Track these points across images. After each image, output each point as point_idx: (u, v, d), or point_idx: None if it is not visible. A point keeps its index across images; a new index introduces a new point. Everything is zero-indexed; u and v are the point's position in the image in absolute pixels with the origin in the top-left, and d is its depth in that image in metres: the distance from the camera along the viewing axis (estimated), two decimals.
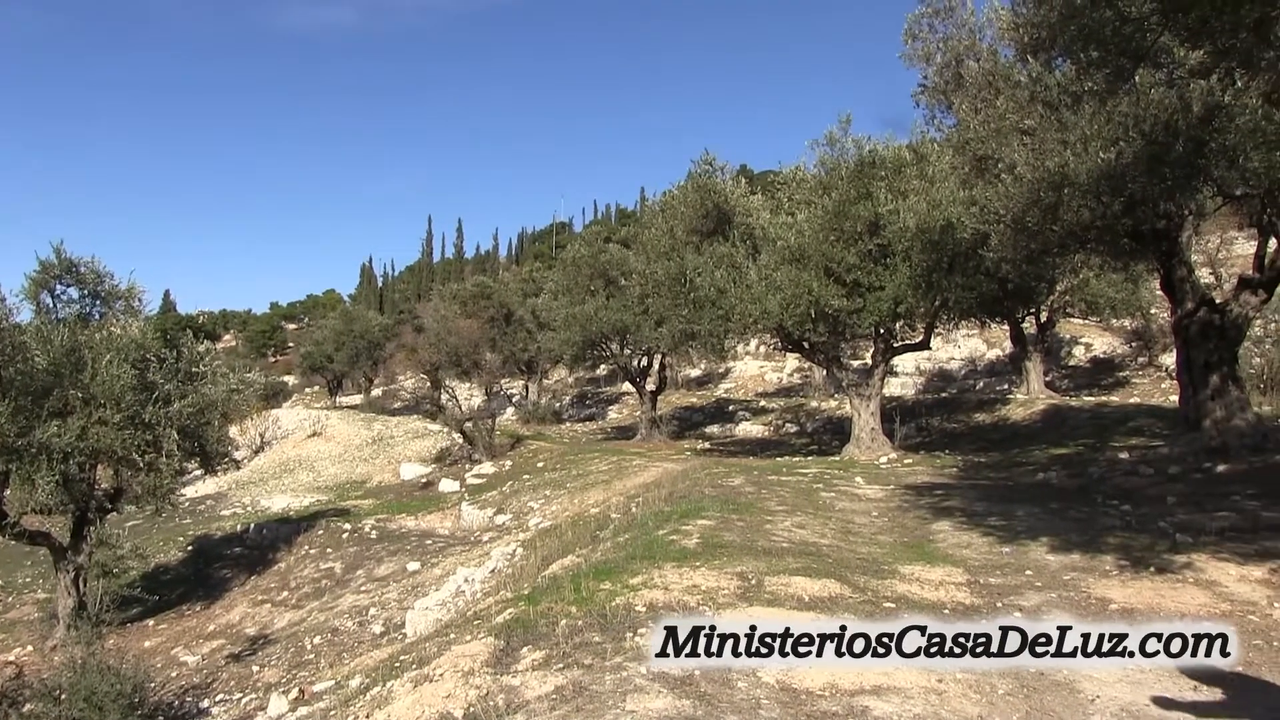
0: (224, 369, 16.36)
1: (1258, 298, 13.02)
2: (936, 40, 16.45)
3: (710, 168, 22.72)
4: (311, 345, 60.07)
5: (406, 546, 18.49)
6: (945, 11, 16.25)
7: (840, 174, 18.53)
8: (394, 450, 33.58)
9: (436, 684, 5.13)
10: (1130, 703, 4.86)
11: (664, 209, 23.93)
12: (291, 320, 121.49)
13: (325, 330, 59.99)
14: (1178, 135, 10.86)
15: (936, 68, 16.49)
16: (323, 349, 57.31)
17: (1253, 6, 6.50)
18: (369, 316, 63.07)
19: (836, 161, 18.94)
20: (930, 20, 16.45)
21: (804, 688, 4.89)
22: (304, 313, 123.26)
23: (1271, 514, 9.08)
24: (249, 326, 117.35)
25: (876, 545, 9.13)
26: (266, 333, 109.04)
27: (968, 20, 16.13)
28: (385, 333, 58.67)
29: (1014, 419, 24.21)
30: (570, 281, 32.06)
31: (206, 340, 17.50)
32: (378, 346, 56.74)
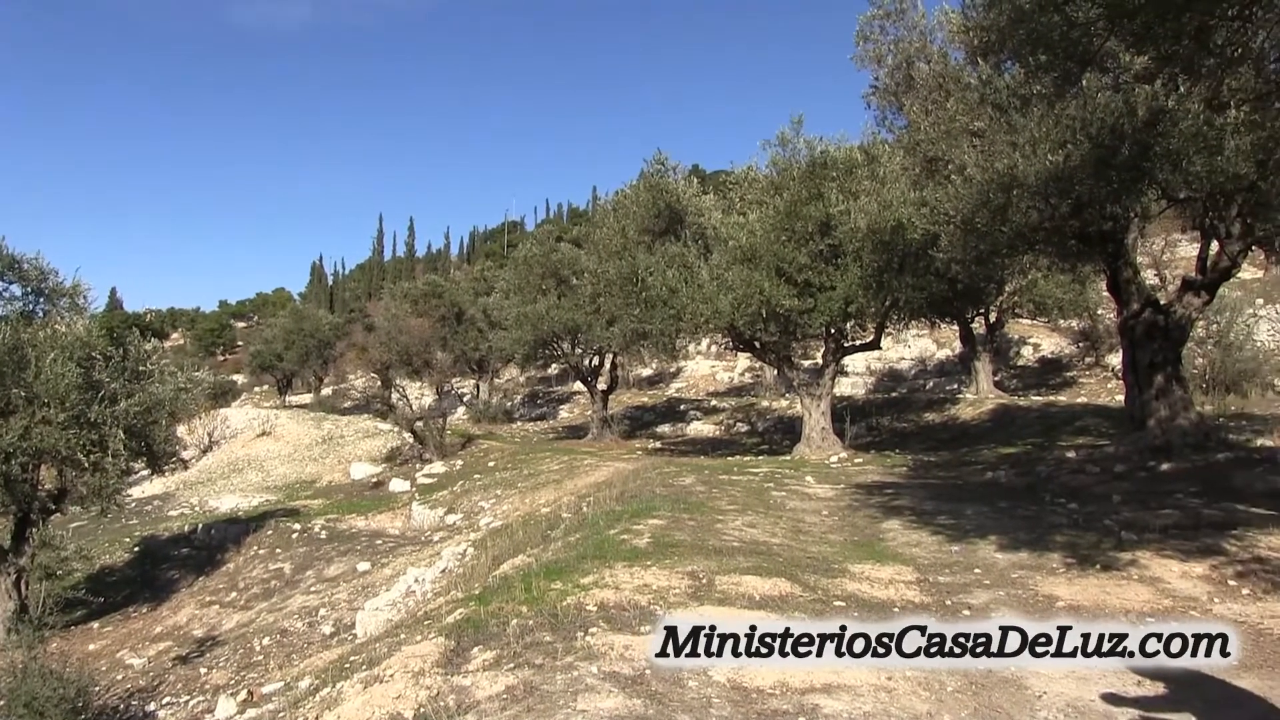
0: (172, 368, 16.11)
1: (1200, 299, 13.21)
2: (888, 42, 16.57)
3: (662, 167, 22.75)
4: (261, 344, 59.45)
5: (357, 547, 18.32)
6: (896, 14, 16.37)
7: (792, 174, 18.60)
8: (344, 450, 33.28)
9: (387, 685, 5.07)
10: (1076, 698, 4.90)
11: (616, 208, 23.91)
12: (241, 319, 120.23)
13: (275, 329, 59.41)
14: (1124, 139, 10.99)
15: (888, 69, 16.61)
16: (272, 348, 56.72)
17: (1193, 15, 6.59)
18: (319, 315, 62.58)
19: (788, 162, 19.01)
20: (881, 22, 16.56)
21: (755, 686, 4.89)
22: (253, 311, 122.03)
23: (1212, 511, 9.22)
24: (197, 325, 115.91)
25: (827, 544, 9.16)
26: (215, 331, 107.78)
27: (919, 23, 16.26)
28: (336, 331, 58.20)
29: (963, 418, 24.44)
30: (522, 280, 31.98)
31: (154, 338, 17.22)
32: (328, 345, 56.26)
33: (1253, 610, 6.35)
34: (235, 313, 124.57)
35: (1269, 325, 27.40)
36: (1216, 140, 10.62)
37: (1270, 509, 9.19)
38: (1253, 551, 7.71)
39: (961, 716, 4.65)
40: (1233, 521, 8.73)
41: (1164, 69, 7.88)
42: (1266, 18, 6.69)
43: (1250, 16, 6.62)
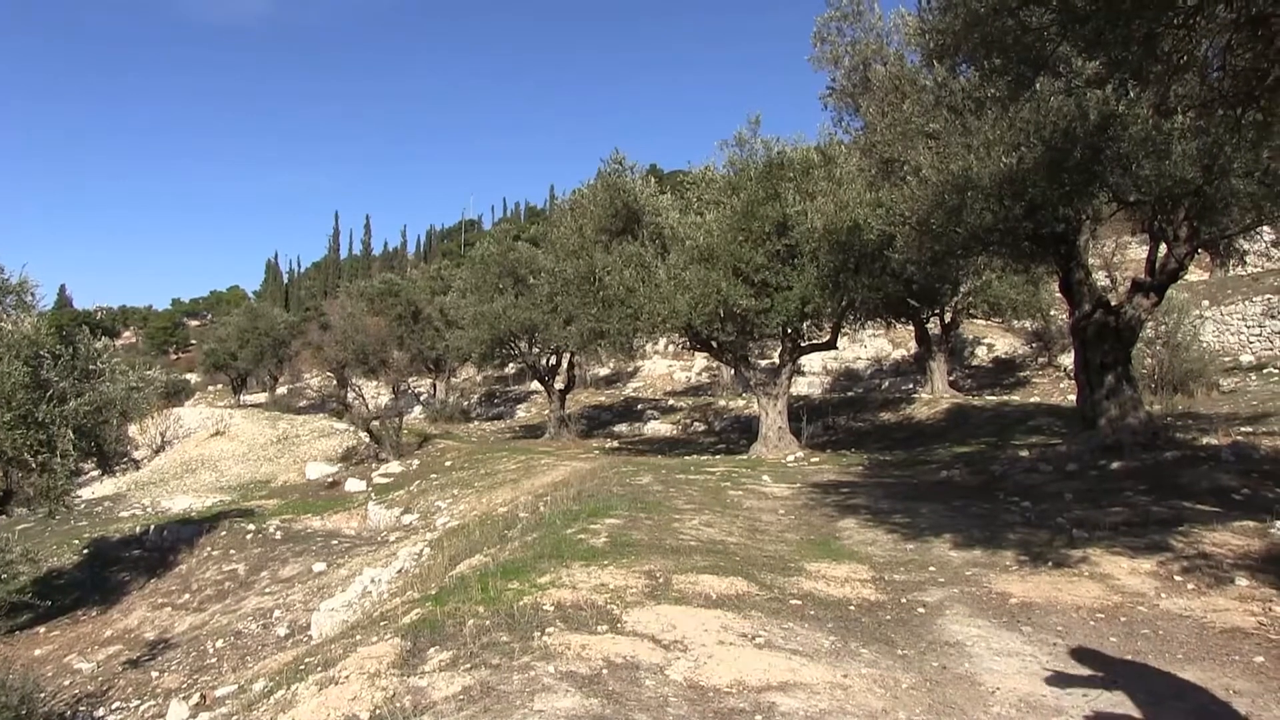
0: (123, 366, 15.89)
1: (1150, 300, 13.40)
2: (845, 44, 16.64)
3: (620, 167, 22.74)
4: (215, 342, 58.78)
5: (312, 547, 18.18)
6: (853, 16, 16.45)
7: (749, 175, 18.67)
8: (299, 449, 33.02)
9: (342, 686, 5.04)
10: (1029, 693, 4.97)
11: (573, 207, 23.89)
12: (194, 317, 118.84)
13: (229, 327, 58.76)
14: (1075, 142, 11.13)
15: (844, 71, 16.69)
16: (226, 346, 56.14)
17: (1141, 22, 6.70)
18: (274, 313, 61.98)
19: (745, 162, 19.09)
20: (839, 24, 16.64)
21: (711, 685, 4.91)
22: (207, 309, 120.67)
23: (1161, 509, 9.38)
24: (150, 323, 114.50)
25: (783, 543, 9.21)
26: (168, 329, 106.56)
27: (875, 25, 16.35)
28: (291, 330, 57.71)
29: (918, 418, 24.66)
30: (479, 279, 31.90)
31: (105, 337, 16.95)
32: (283, 344, 55.80)
33: (1197, 605, 6.47)
34: (189, 311, 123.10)
35: (1214, 326, 27.85)
36: (1164, 145, 10.80)
37: (1215, 506, 9.37)
38: (1198, 548, 7.85)
39: (916, 713, 4.71)
40: (1179, 518, 8.88)
41: (1114, 74, 8.00)
42: (1209, 27, 6.82)
43: (1194, 25, 6.75)
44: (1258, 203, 11.93)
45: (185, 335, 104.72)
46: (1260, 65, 6.86)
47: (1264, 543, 7.95)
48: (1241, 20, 6.62)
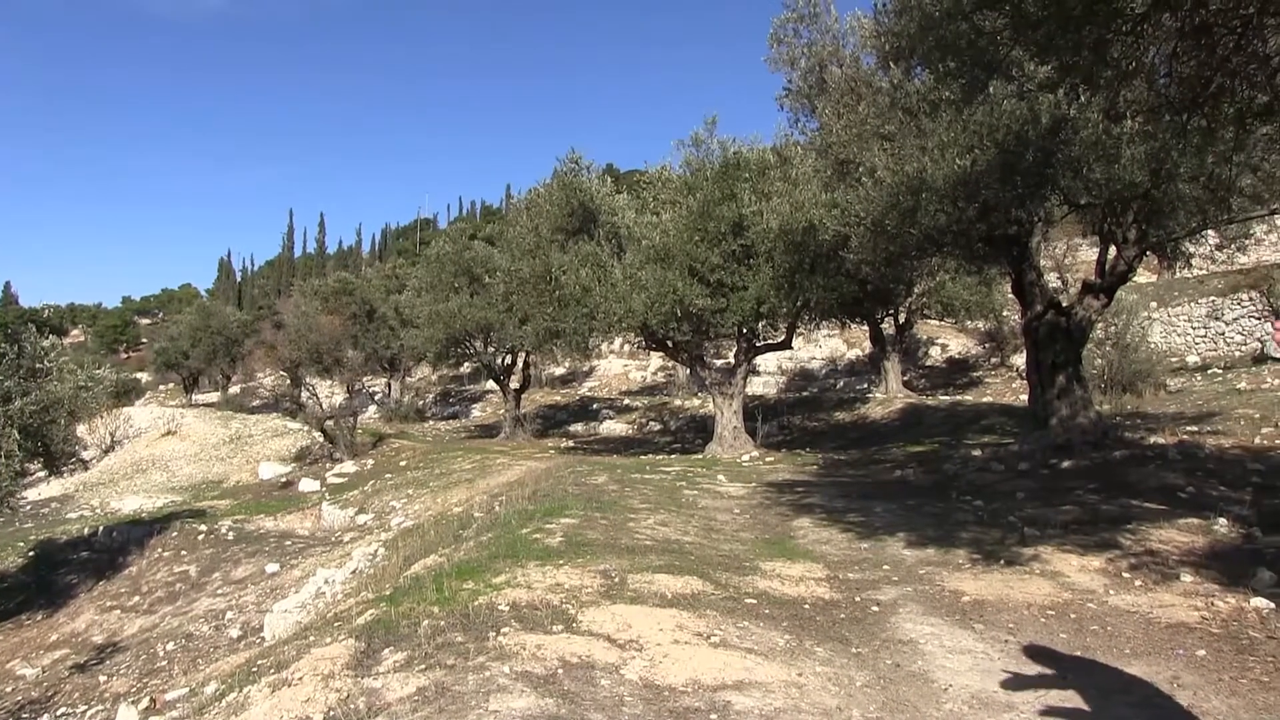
0: (71, 365, 15.68)
1: (1100, 301, 13.58)
2: (801, 45, 16.73)
3: (576, 166, 22.71)
4: (166, 341, 58.07)
5: (265, 548, 18.01)
6: (810, 18, 16.54)
7: (705, 175, 18.72)
8: (252, 449, 32.71)
9: (295, 688, 5.00)
10: (981, 690, 5.03)
11: (529, 206, 23.82)
12: (145, 315, 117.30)
13: (181, 326, 58.11)
14: (1028, 145, 11.27)
15: (801, 72, 16.78)
16: (178, 345, 55.49)
17: (1092, 29, 6.79)
18: (227, 312, 61.40)
19: (702, 162, 19.14)
20: (795, 25, 16.72)
21: (667, 684, 4.93)
22: (158, 307, 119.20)
23: (1110, 507, 9.52)
24: (99, 321, 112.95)
25: (738, 542, 9.25)
26: (118, 328, 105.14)
27: (832, 27, 16.46)
28: (244, 329, 57.11)
29: (873, 417, 24.84)
30: (434, 278, 31.78)
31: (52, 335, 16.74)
32: (236, 343, 55.22)
33: (1144, 600, 6.58)
34: (139, 309, 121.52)
35: (1162, 327, 28.27)
36: (1114, 149, 10.97)
37: (1161, 504, 9.51)
38: (1145, 545, 7.98)
39: (870, 710, 4.75)
40: (1127, 517, 9.02)
41: (1065, 79, 8.09)
42: (1156, 35, 6.93)
43: (1142, 33, 6.85)
44: (1203, 207, 12.15)
45: (136, 334, 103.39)
46: (1204, 73, 6.98)
47: (1207, 539, 8.10)
48: (1186, 29, 6.73)
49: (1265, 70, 6.99)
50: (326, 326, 41.72)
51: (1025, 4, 7.06)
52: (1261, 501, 9.53)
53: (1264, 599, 6.27)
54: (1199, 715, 4.62)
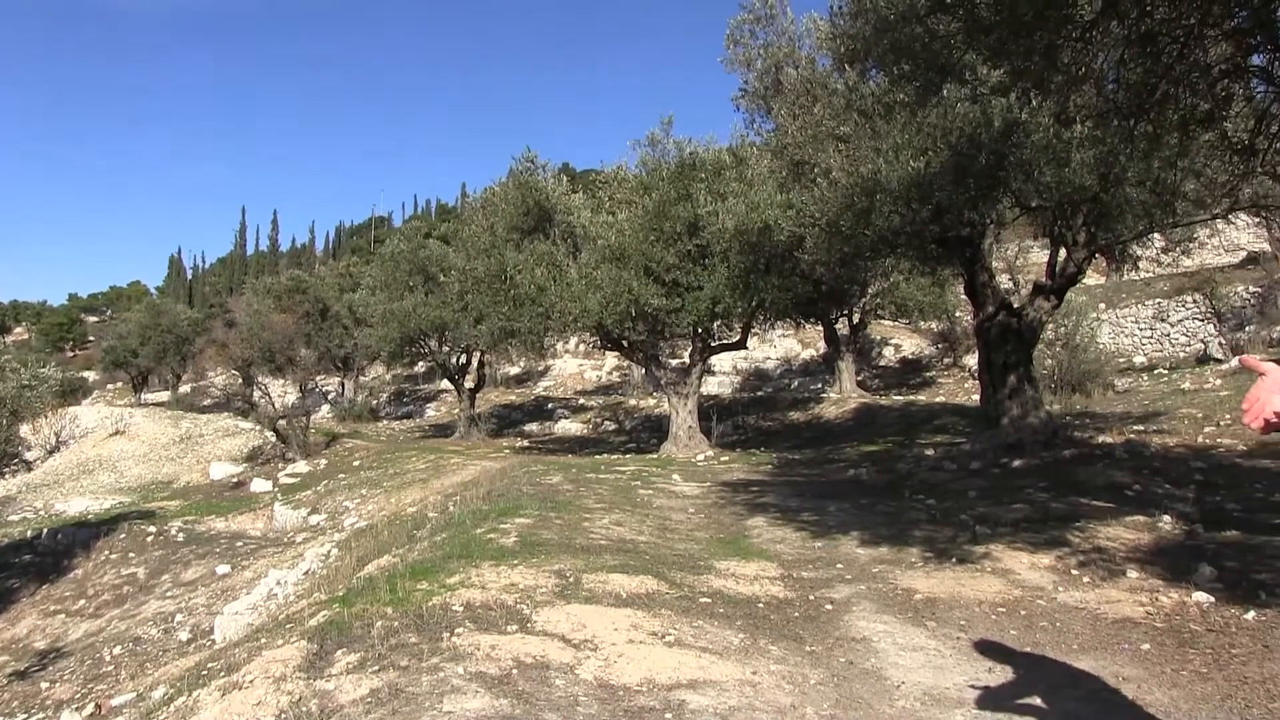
0: (14, 364, 15.42)
1: (1050, 303, 13.75)
2: (757, 46, 16.83)
3: (532, 165, 22.67)
4: (115, 339, 57.26)
5: (216, 549, 17.82)
6: (766, 19, 16.64)
7: (661, 175, 18.77)
8: (203, 449, 32.33)
9: (246, 691, 4.95)
10: (933, 686, 5.09)
11: (485, 205, 23.76)
12: (93, 312, 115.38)
13: (130, 324, 57.29)
14: (980, 148, 11.40)
15: (757, 73, 16.87)
16: (127, 343, 54.72)
17: (1043, 34, 6.90)
18: (177, 310, 60.63)
19: (658, 162, 19.18)
20: (752, 27, 16.81)
21: (622, 683, 4.94)
22: (107, 305, 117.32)
23: (1059, 505, 9.66)
24: (44, 319, 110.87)
25: (693, 541, 9.28)
26: (64, 325, 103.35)
27: (788, 29, 16.56)
28: (195, 327, 56.37)
29: (827, 417, 24.99)
30: (389, 277, 31.59)
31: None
32: (187, 341, 54.50)
33: (1091, 597, 6.68)
34: (86, 306, 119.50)
35: (1110, 329, 28.67)
36: (1064, 153, 11.13)
37: (1109, 502, 9.67)
38: (1093, 542, 8.11)
39: (824, 708, 4.79)
40: (1076, 514, 9.15)
41: (1017, 83, 8.20)
42: (1105, 41, 7.05)
43: (1091, 39, 6.97)
44: (1149, 210, 12.36)
45: (83, 332, 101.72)
46: (1150, 80, 7.11)
47: (1153, 536, 8.25)
48: (1133, 36, 6.85)
49: (1207, 79, 7.14)
50: (279, 325, 41.35)
51: (978, 9, 7.16)
52: (1203, 499, 9.74)
53: (1204, 593, 6.40)
54: (1143, 707, 4.72)
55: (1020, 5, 6.65)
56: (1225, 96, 7.39)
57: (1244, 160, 8.14)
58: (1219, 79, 7.23)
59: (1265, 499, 9.70)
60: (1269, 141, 7.65)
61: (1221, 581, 6.66)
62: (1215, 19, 6.69)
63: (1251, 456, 12.02)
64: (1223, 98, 7.36)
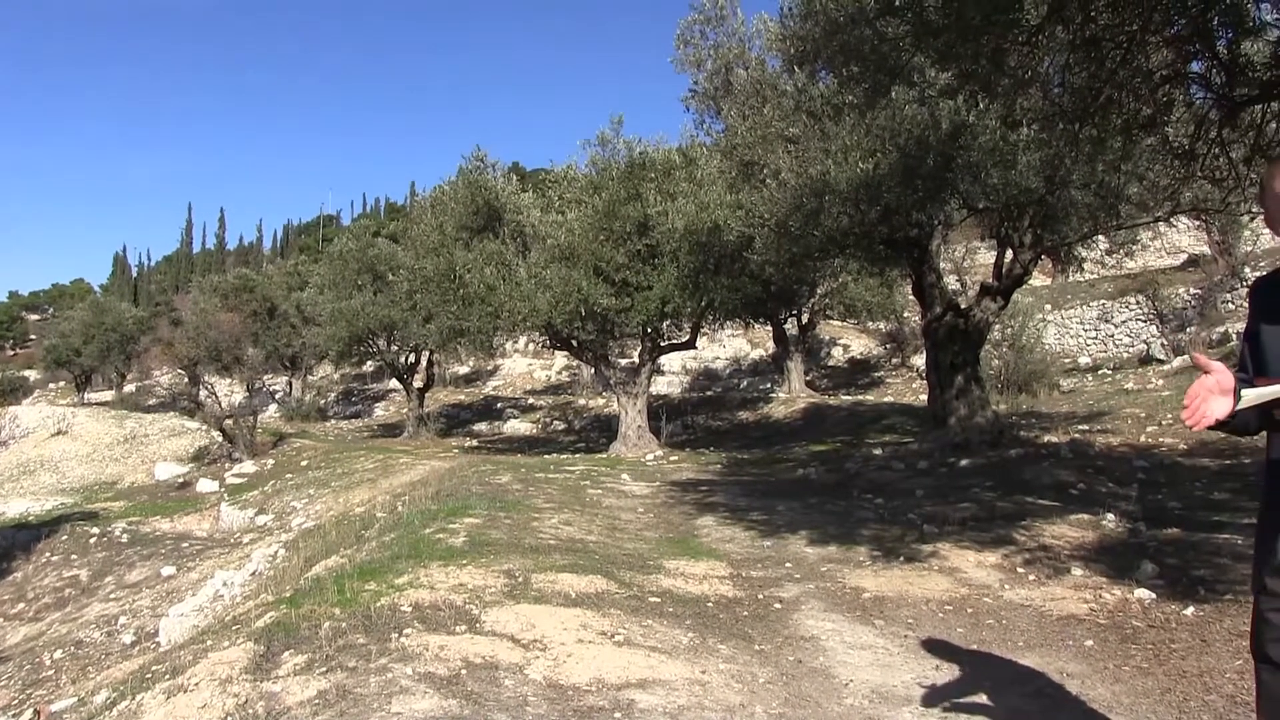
0: None
1: (996, 304, 13.91)
2: (708, 47, 16.93)
3: (482, 164, 22.59)
4: (57, 338, 56.20)
5: (161, 550, 17.56)
6: (716, 20, 16.73)
7: (611, 174, 18.77)
8: (148, 449, 31.84)
9: (191, 694, 4.88)
10: (881, 684, 5.13)
11: (434, 204, 23.65)
12: (34, 311, 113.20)
13: (73, 322, 56.18)
14: (929, 150, 11.52)
15: (707, 74, 16.97)
16: (69, 342, 53.71)
17: (990, 38, 6.98)
18: (122, 308, 59.59)
19: (608, 162, 19.18)
20: (702, 27, 16.91)
21: (571, 683, 4.92)
22: (48, 303, 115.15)
23: (1005, 504, 9.77)
24: None
25: (642, 541, 9.28)
26: (4, 324, 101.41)
27: (738, 30, 16.67)
28: (140, 325, 55.49)
29: (776, 417, 25.12)
30: (337, 276, 31.34)
31: None
32: (131, 340, 53.64)
33: (1037, 594, 6.76)
34: (27, 304, 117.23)
35: (1056, 329, 29.07)
36: (1011, 155, 11.27)
37: (1054, 500, 9.81)
38: (1039, 540, 8.21)
39: (773, 707, 4.80)
40: (1022, 513, 9.26)
41: (965, 86, 8.28)
42: (1050, 46, 7.15)
43: (1037, 43, 7.06)
44: (1094, 213, 12.55)
45: (24, 330, 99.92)
46: (1094, 84, 7.21)
47: (1097, 534, 8.38)
48: (1078, 42, 6.95)
49: (1149, 84, 7.26)
50: (226, 324, 40.88)
51: (927, 12, 7.23)
52: (1146, 497, 9.90)
53: (1146, 590, 6.50)
54: (1086, 702, 4.78)
55: (968, 9, 6.71)
56: (1166, 102, 7.51)
57: (1184, 164, 8.28)
58: (1160, 85, 7.35)
59: (1204, 497, 9.88)
60: (1208, 147, 7.78)
61: (1163, 578, 6.77)
62: (1156, 26, 6.81)
63: (1192, 455, 12.24)
64: (1164, 103, 7.49)
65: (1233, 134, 7.76)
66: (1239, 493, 9.80)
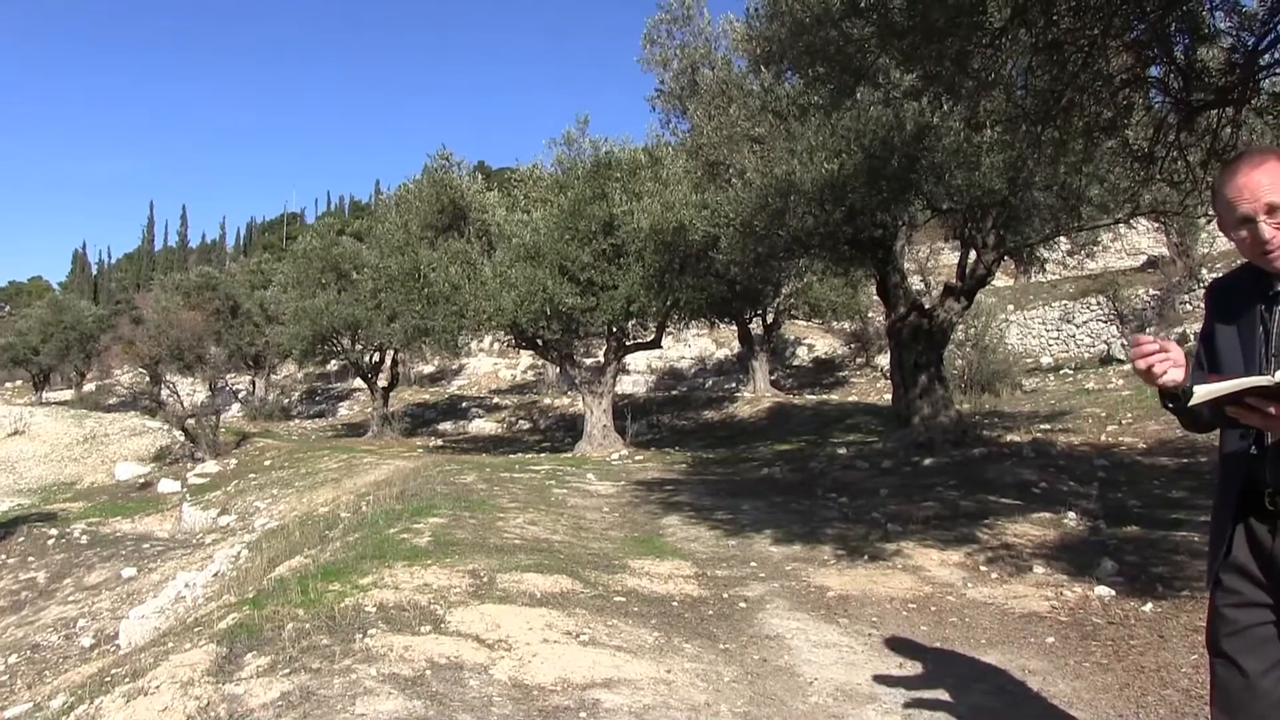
0: None
1: (960, 304, 14.01)
2: (674, 47, 16.91)
3: (447, 163, 22.54)
4: (14, 336, 55.43)
5: (122, 551, 17.35)
6: (683, 19, 16.73)
7: (577, 173, 18.79)
8: (109, 449, 31.48)
9: (152, 697, 4.83)
10: (845, 683, 5.15)
11: (399, 203, 23.62)
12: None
13: (30, 320, 55.48)
14: (893, 151, 11.58)
15: (673, 74, 16.96)
16: (27, 340, 53.02)
17: (954, 40, 7.03)
18: (81, 306, 58.87)
19: (573, 161, 19.20)
20: (669, 27, 16.89)
21: (536, 683, 4.92)
22: (5, 301, 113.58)
23: (968, 503, 9.85)
24: None
25: (608, 540, 9.28)
26: None
27: (704, 29, 16.67)
28: (100, 324, 54.81)
29: (741, 416, 25.21)
30: (301, 274, 31.13)
31: None
32: (91, 339, 53.00)
33: (999, 592, 6.82)
34: None
35: (1018, 330, 29.36)
36: (974, 157, 11.36)
37: (1017, 499, 9.90)
38: (1001, 539, 8.28)
39: (738, 705, 4.81)
40: (985, 512, 9.34)
41: (929, 88, 8.34)
42: (1013, 49, 7.22)
43: (1000, 46, 7.12)
44: (1055, 214, 12.68)
45: None
46: (1056, 87, 7.28)
47: (1058, 532, 8.47)
48: (1040, 45, 7.02)
49: (1109, 88, 7.35)
50: (188, 322, 40.46)
51: (892, 14, 7.27)
52: (1106, 495, 10.02)
53: (1106, 587, 6.58)
54: (1048, 698, 4.83)
55: (932, 11, 6.76)
56: (1126, 105, 7.60)
57: (1144, 167, 8.38)
58: (1120, 89, 7.43)
59: (1163, 495, 10.01)
60: (1166, 150, 7.88)
61: (1122, 575, 6.85)
62: (1116, 30, 6.89)
63: (1151, 454, 12.40)
64: (1124, 106, 7.57)
65: (1190, 138, 7.86)
66: (1196, 491, 9.94)
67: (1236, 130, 7.55)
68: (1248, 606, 2.63)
